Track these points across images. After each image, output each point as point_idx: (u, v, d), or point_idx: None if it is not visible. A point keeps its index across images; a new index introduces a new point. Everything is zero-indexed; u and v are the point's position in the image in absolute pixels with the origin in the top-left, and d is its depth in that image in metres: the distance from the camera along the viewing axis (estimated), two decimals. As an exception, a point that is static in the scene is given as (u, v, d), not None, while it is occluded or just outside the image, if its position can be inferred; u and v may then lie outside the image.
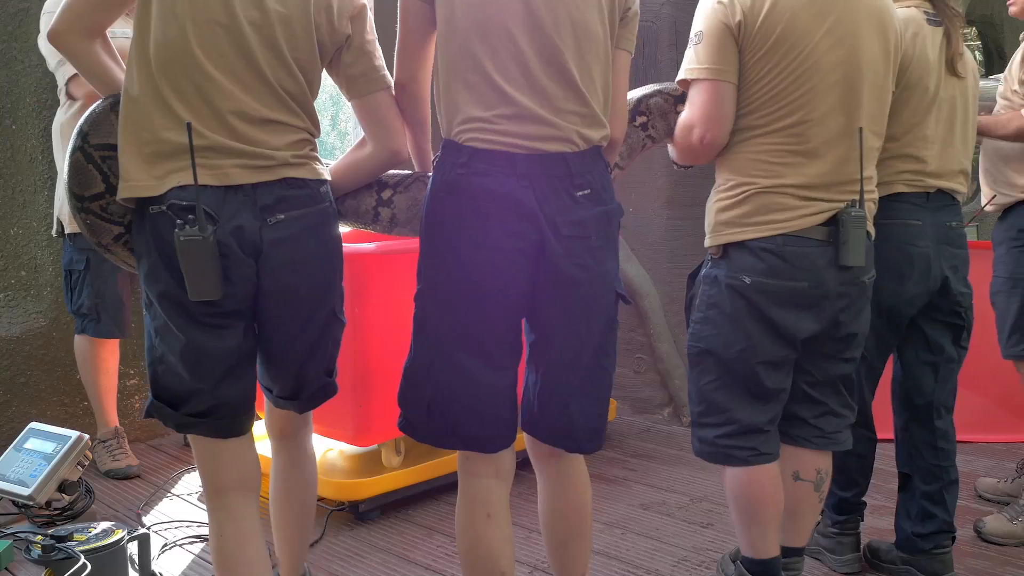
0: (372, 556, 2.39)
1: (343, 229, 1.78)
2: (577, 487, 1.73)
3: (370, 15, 1.70)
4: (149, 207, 1.50)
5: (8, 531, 2.26)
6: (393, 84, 1.68)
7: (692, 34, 1.81)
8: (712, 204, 1.88)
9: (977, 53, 7.25)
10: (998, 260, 2.59)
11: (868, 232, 1.84)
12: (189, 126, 1.48)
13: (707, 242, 1.89)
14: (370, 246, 2.63)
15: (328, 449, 2.94)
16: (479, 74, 1.49)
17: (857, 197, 1.79)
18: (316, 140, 1.67)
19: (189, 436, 1.65)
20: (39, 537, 1.93)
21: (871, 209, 1.87)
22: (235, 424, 1.62)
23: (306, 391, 1.75)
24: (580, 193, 1.54)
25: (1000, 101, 2.56)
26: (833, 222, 1.78)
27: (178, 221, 1.46)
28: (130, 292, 3.04)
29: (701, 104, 1.78)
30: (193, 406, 1.57)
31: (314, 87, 1.64)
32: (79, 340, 3.04)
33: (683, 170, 2.18)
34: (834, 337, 1.87)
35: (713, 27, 1.76)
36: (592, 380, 1.64)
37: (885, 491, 2.67)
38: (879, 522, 2.55)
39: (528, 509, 2.70)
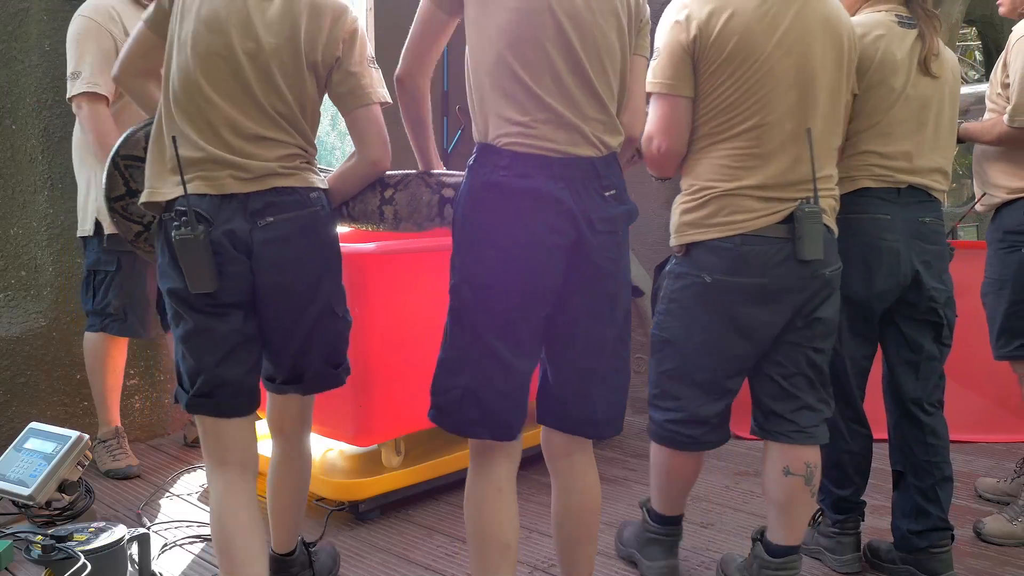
0: (372, 556, 2.39)
1: (343, 229, 1.97)
2: (589, 487, 1.81)
3: (364, 37, 1.85)
4: (163, 213, 1.74)
5: (8, 531, 2.26)
6: (380, 99, 1.84)
7: (654, 49, 1.93)
8: (676, 206, 1.99)
9: (977, 53, 7.25)
10: (988, 261, 2.62)
11: (829, 227, 1.93)
12: (174, 140, 1.71)
13: (672, 242, 2.00)
14: (370, 246, 2.63)
15: (328, 449, 2.94)
16: (517, 83, 1.60)
17: (811, 195, 1.88)
18: (310, 153, 1.84)
19: (196, 417, 1.81)
20: (39, 537, 1.93)
21: (831, 205, 1.96)
22: (236, 404, 1.77)
23: (307, 377, 1.89)
24: (608, 193, 1.67)
25: (988, 104, 2.59)
26: (790, 219, 1.87)
27: (174, 223, 1.68)
28: (155, 293, 3.06)
29: (657, 117, 1.93)
30: (199, 387, 1.74)
31: (307, 107, 1.81)
32: (92, 338, 3.05)
33: (660, 182, 2.24)
34: (798, 326, 1.95)
35: (669, 44, 1.90)
36: (615, 367, 1.76)
37: (885, 491, 2.66)
38: (880, 522, 2.55)
39: (528, 509, 2.70)
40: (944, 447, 2.22)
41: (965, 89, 2.81)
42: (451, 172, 1.97)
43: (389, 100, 1.88)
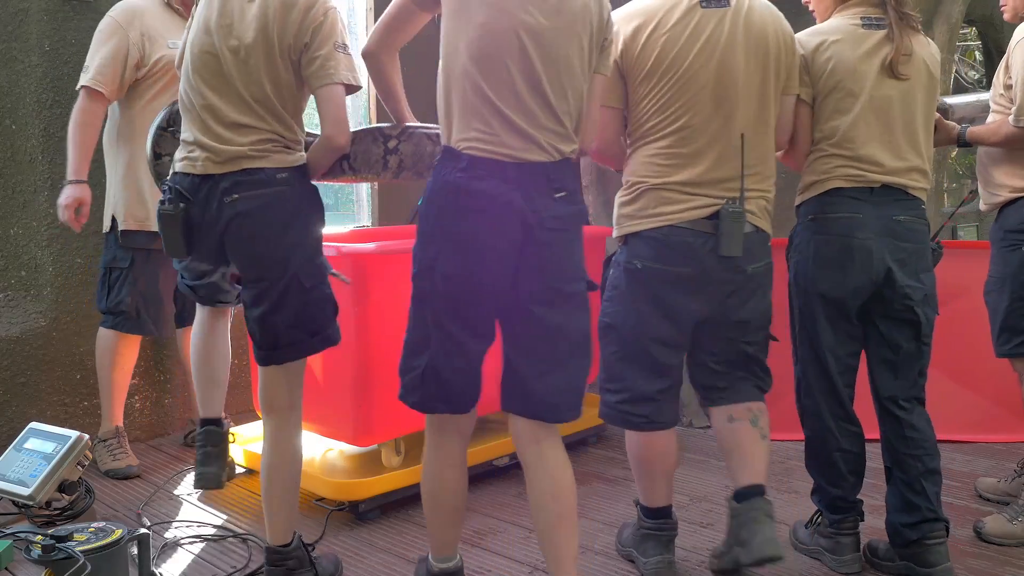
0: (372, 556, 2.39)
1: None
2: (557, 470, 1.88)
3: (335, 24, 2.01)
4: None
5: (8, 531, 2.26)
6: (343, 80, 2.00)
7: None
8: (616, 200, 2.16)
9: (977, 53, 7.25)
10: (991, 260, 2.64)
11: (757, 227, 2.07)
12: (153, 131, 2.32)
13: (613, 233, 2.17)
14: (370, 246, 2.63)
15: (328, 449, 2.95)
16: (479, 96, 1.77)
17: (737, 195, 2.03)
18: (287, 137, 2.02)
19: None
20: (39, 537, 1.92)
21: (762, 206, 2.09)
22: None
23: (281, 344, 2.03)
24: (558, 195, 1.83)
25: (992, 107, 2.60)
26: (717, 216, 2.01)
27: (160, 199, 2.03)
28: (171, 292, 3.06)
29: (601, 124, 2.10)
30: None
31: (283, 94, 2.00)
32: (104, 334, 3.07)
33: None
34: (726, 323, 2.11)
35: None
36: (570, 354, 1.88)
37: (883, 491, 2.66)
38: (879, 522, 2.55)
39: (528, 509, 2.70)
40: (923, 440, 2.23)
41: (971, 98, 2.81)
42: (397, 125, 2.17)
43: (355, 83, 2.03)
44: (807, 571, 2.29)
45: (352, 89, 2.04)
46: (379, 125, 2.21)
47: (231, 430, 3.06)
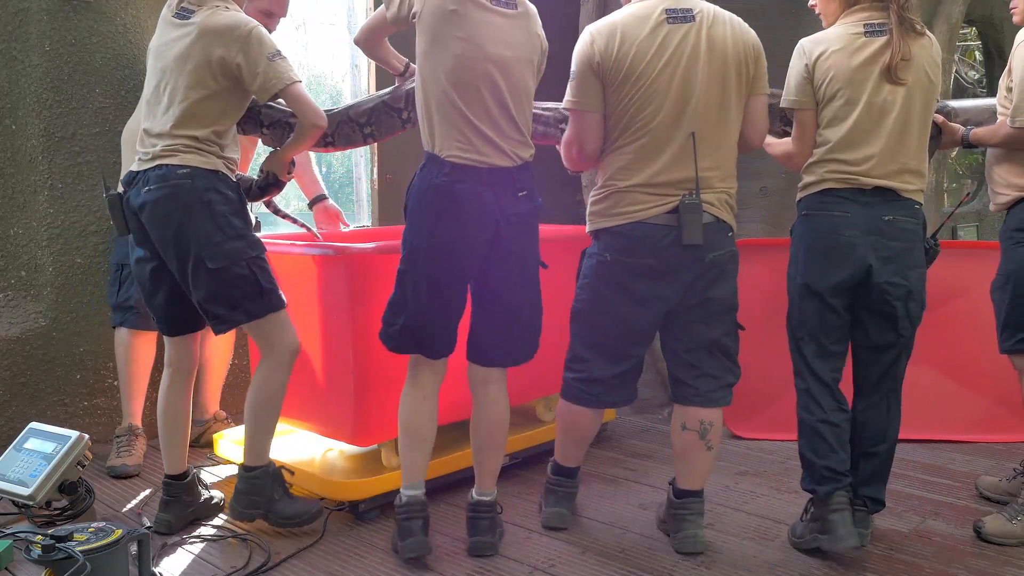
0: (372, 556, 2.39)
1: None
2: (498, 407, 2.39)
3: (258, 40, 2.31)
4: None
5: (8, 531, 2.26)
6: (291, 80, 2.35)
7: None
8: (589, 199, 2.39)
9: (977, 53, 7.26)
10: (1001, 258, 2.64)
11: (720, 218, 2.27)
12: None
13: (586, 229, 2.40)
14: (369, 246, 2.63)
15: (328, 449, 2.95)
16: (457, 113, 2.18)
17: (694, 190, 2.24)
18: (202, 140, 2.34)
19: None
20: (39, 537, 1.92)
21: (723, 200, 2.28)
22: (167, 327, 2.51)
23: (210, 316, 2.38)
24: (520, 193, 2.25)
25: (998, 110, 2.62)
26: (677, 210, 2.23)
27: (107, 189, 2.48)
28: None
29: (571, 128, 2.36)
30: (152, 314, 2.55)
31: (211, 104, 2.35)
32: (118, 333, 3.11)
33: (574, 175, 2.69)
34: (691, 304, 2.30)
35: (578, 68, 2.28)
36: (529, 317, 2.37)
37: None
38: (879, 520, 2.55)
39: (528, 509, 2.71)
40: (871, 424, 2.40)
41: (975, 102, 2.83)
42: (398, 94, 2.66)
43: (298, 79, 2.38)
44: (807, 571, 2.29)
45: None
46: (384, 99, 2.70)
47: (223, 432, 3.12)
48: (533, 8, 2.32)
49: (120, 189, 2.49)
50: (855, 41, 2.28)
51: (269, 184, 2.61)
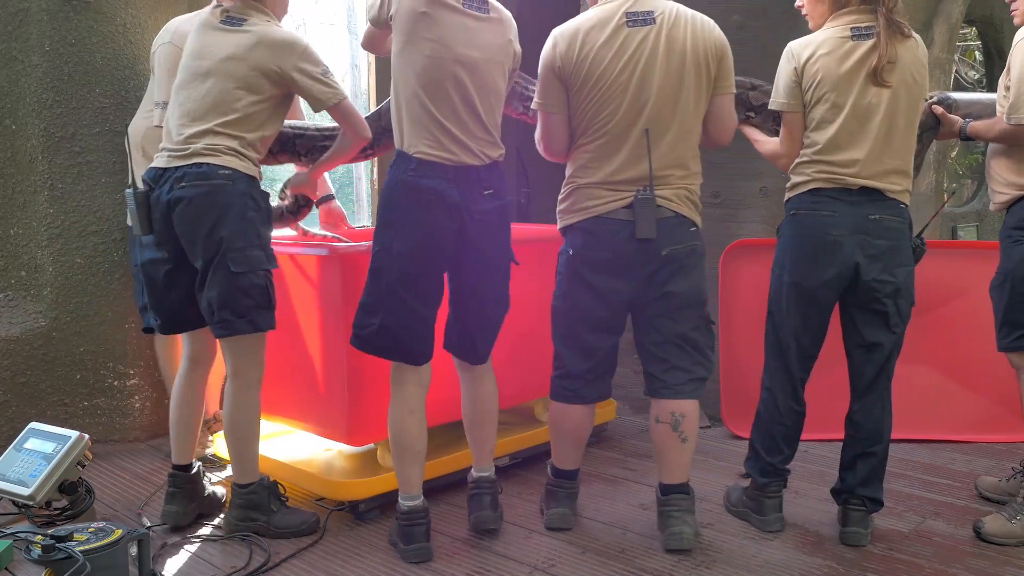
0: (372, 556, 2.39)
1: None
2: (484, 388, 2.49)
3: (313, 55, 2.41)
4: None
5: (8, 531, 2.26)
6: (340, 98, 2.44)
7: None
8: (558, 197, 2.47)
9: (977, 53, 7.26)
10: (1000, 257, 2.65)
11: (679, 213, 2.32)
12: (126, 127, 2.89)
13: (557, 227, 2.49)
14: (362, 246, 2.61)
15: (327, 449, 2.94)
16: (426, 112, 2.23)
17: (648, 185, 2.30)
18: (241, 143, 2.37)
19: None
20: (39, 537, 1.92)
21: (682, 195, 2.34)
22: (170, 326, 2.52)
23: (215, 320, 2.36)
24: (486, 192, 2.29)
25: (998, 109, 2.63)
26: (632, 205, 2.30)
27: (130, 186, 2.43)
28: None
29: (540, 128, 2.45)
30: (154, 315, 2.53)
31: (259, 109, 2.39)
32: (157, 338, 3.15)
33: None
34: (653, 298, 2.36)
35: (542, 71, 2.38)
36: (494, 314, 2.43)
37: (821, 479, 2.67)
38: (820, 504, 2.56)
39: (528, 509, 2.71)
40: (867, 424, 2.43)
41: (977, 96, 2.84)
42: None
43: (345, 95, 2.47)
44: (807, 571, 2.29)
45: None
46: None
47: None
48: (509, 15, 2.38)
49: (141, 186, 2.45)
50: (843, 45, 2.32)
51: (300, 207, 2.73)
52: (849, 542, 2.43)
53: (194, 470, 2.61)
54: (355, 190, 4.41)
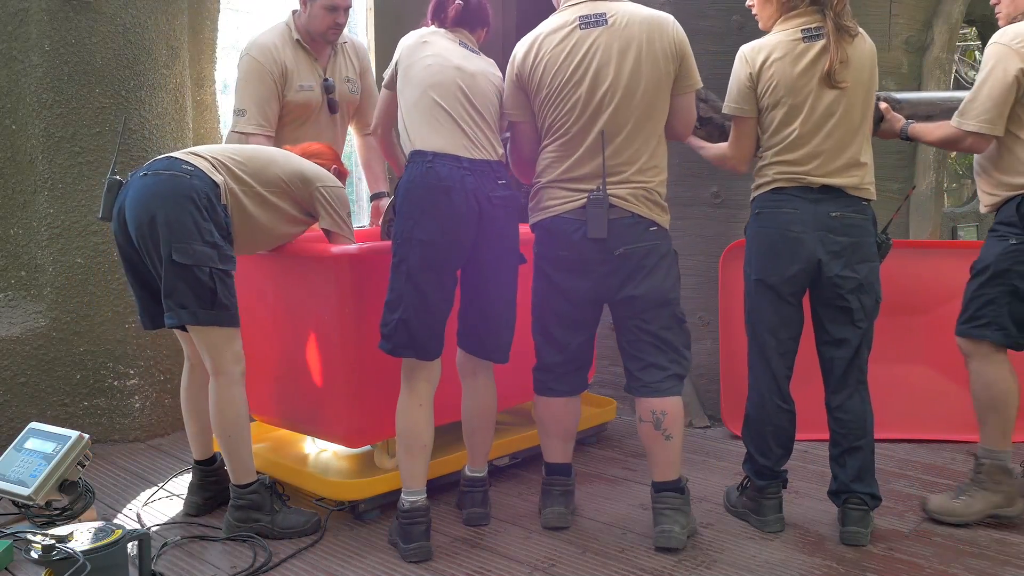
0: (372, 556, 2.39)
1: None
2: (487, 395, 2.54)
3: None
4: None
5: (8, 531, 2.26)
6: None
7: None
8: (529, 196, 2.54)
9: (977, 53, 7.25)
10: (982, 248, 2.68)
11: (633, 212, 2.34)
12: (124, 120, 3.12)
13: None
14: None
15: (327, 449, 2.94)
16: (437, 107, 2.33)
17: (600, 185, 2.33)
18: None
19: None
20: (39, 537, 1.93)
21: (638, 194, 2.35)
22: (151, 320, 2.50)
23: (168, 307, 2.33)
24: (500, 182, 2.37)
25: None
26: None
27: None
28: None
29: (511, 136, 2.55)
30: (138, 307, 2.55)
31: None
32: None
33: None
34: (617, 299, 2.40)
35: (506, 81, 2.48)
36: (508, 310, 2.48)
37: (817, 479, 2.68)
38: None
39: (528, 509, 2.71)
40: (852, 420, 2.46)
41: (923, 96, 2.97)
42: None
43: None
44: (807, 571, 2.29)
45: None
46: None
47: None
48: (495, 64, 2.54)
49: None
50: (795, 47, 2.37)
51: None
52: (850, 542, 2.43)
53: (215, 463, 2.67)
54: (355, 190, 4.41)
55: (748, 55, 2.43)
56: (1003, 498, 2.55)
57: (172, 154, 2.43)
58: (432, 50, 2.39)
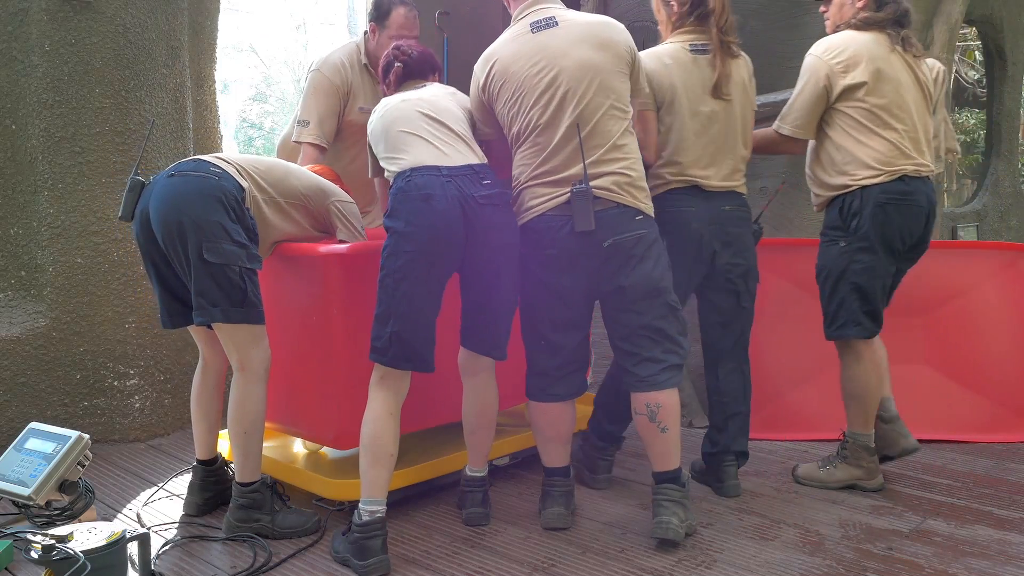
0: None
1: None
2: (489, 394, 2.55)
3: None
4: None
5: (8, 531, 2.26)
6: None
7: None
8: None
9: (977, 53, 7.26)
10: (818, 252, 2.87)
11: (617, 202, 2.36)
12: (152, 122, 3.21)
13: None
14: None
15: (325, 449, 2.94)
16: (405, 133, 2.40)
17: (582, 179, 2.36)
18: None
19: None
20: (39, 537, 1.93)
21: (621, 183, 2.37)
22: (171, 319, 2.53)
23: (195, 306, 2.36)
24: (485, 181, 2.35)
25: None
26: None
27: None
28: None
29: (488, 157, 2.53)
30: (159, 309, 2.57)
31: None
32: None
33: None
34: (609, 292, 2.41)
35: (471, 92, 2.55)
36: (506, 304, 2.47)
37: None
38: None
39: (528, 509, 2.71)
40: (731, 390, 2.80)
41: (771, 97, 3.20)
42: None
43: None
44: (807, 571, 2.30)
45: None
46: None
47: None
48: (450, 87, 2.64)
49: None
50: (684, 59, 2.65)
51: None
52: (730, 494, 2.81)
53: (216, 464, 2.69)
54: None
55: (645, 62, 2.61)
56: (864, 472, 2.87)
57: (199, 156, 2.47)
58: (383, 106, 2.50)
